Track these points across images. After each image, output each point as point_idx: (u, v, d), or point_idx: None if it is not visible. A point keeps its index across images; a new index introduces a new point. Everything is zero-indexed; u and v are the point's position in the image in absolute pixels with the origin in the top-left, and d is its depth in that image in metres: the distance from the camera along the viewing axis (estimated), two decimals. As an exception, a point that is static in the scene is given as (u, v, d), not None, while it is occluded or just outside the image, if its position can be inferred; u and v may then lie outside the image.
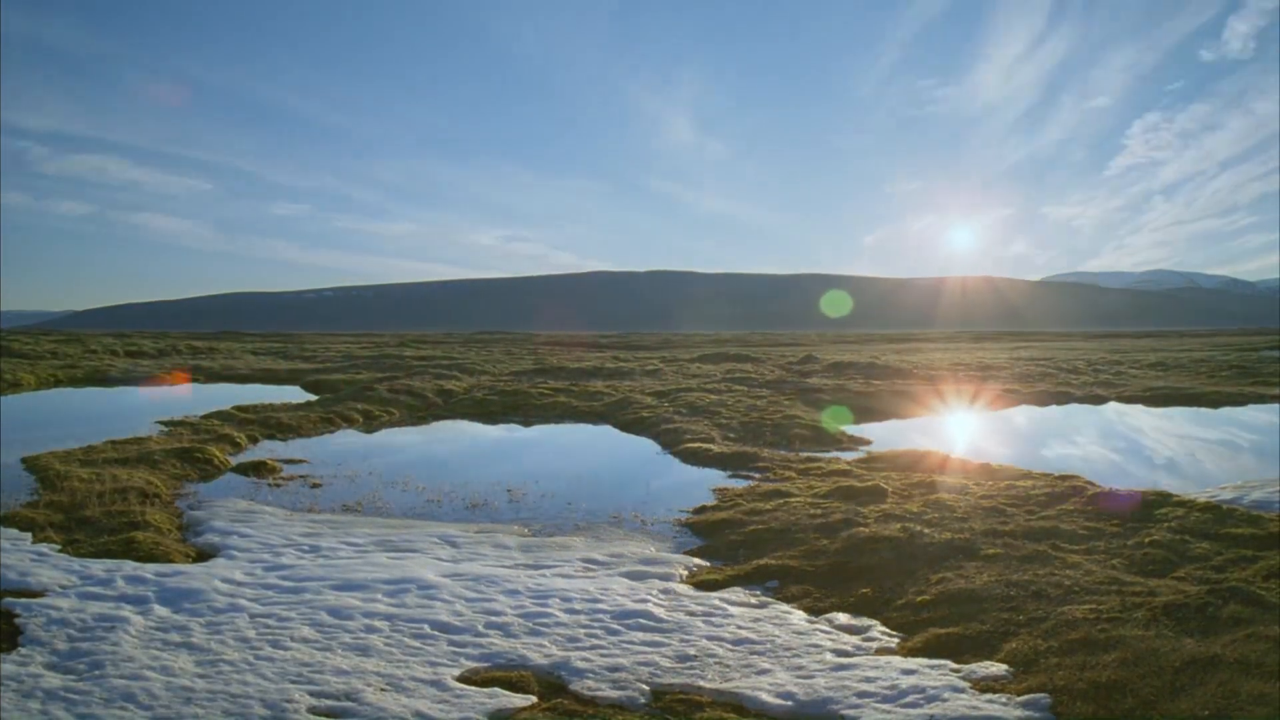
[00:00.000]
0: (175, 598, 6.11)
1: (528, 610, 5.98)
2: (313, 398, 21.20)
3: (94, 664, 4.92)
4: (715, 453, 13.01)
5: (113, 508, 8.72)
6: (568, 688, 4.82)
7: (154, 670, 4.83)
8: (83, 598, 6.06)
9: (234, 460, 12.36)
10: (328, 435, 15.51)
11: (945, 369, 29.97)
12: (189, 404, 19.52)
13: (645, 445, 14.68)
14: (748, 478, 11.28)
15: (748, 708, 4.59)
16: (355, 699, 4.53)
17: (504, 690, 4.71)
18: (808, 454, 12.96)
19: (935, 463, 11.41)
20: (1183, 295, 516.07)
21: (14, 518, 8.22)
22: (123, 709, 4.36)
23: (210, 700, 4.46)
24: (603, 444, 15.18)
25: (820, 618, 5.98)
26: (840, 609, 6.16)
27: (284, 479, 11.08)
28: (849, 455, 12.92)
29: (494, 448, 14.77)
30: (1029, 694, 4.55)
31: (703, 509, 9.30)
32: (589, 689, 4.78)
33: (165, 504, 9.38)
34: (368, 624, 5.69)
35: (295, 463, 12.26)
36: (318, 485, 10.70)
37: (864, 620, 5.91)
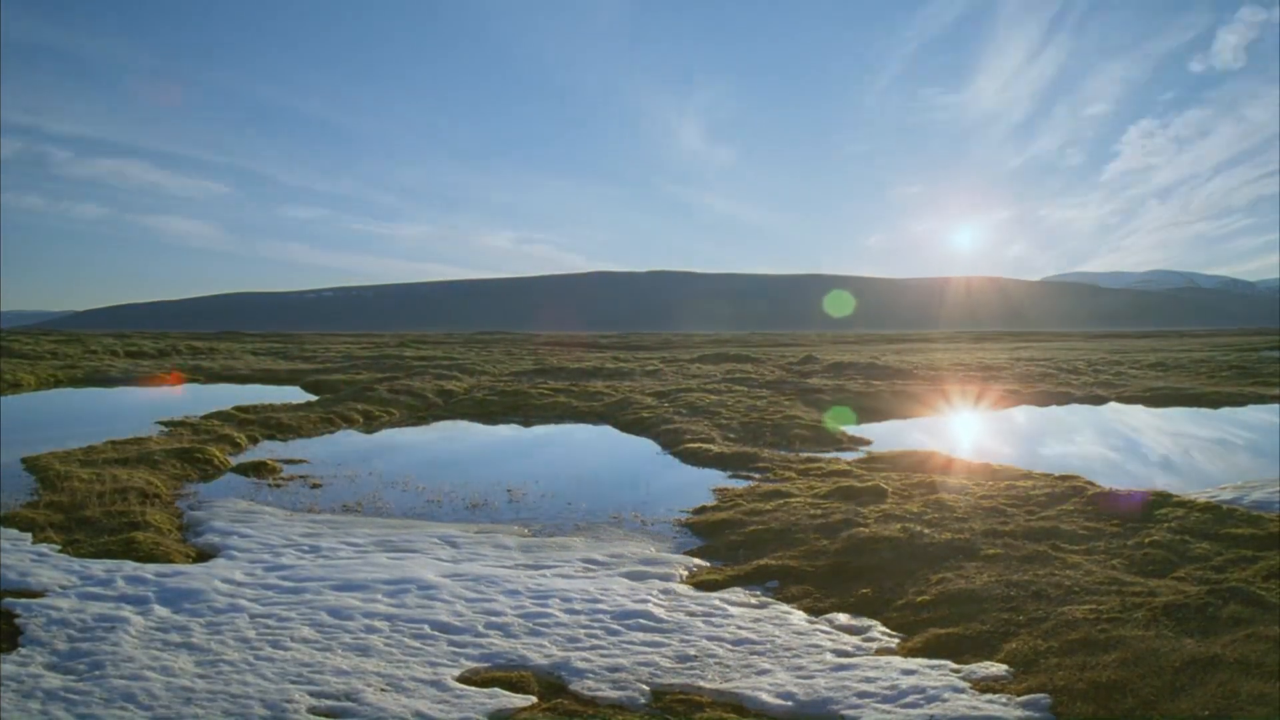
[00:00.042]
0: (175, 598, 6.11)
1: (528, 610, 5.99)
2: (313, 398, 21.22)
3: (94, 664, 4.92)
4: (715, 453, 13.00)
5: (113, 508, 8.72)
6: (568, 688, 4.82)
7: (154, 670, 4.83)
8: (83, 598, 6.06)
9: (234, 460, 12.36)
10: (328, 435, 15.51)
11: (945, 369, 29.97)
12: (189, 404, 19.53)
13: (645, 445, 14.67)
14: (748, 478, 11.27)
15: (748, 708, 4.58)
16: (355, 699, 4.53)
17: (504, 690, 4.71)
18: (808, 454, 12.96)
19: (935, 463, 11.40)
20: (1183, 295, 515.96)
21: (14, 518, 8.22)
22: (123, 709, 4.36)
23: (210, 700, 4.46)
24: (603, 444, 15.18)
25: (820, 618, 5.98)
26: (840, 609, 6.15)
27: (284, 479, 11.08)
28: (849, 455, 12.92)
29: (494, 448, 14.77)
30: (1029, 694, 4.55)
31: (703, 509, 9.30)
32: (589, 689, 4.78)
33: (165, 504, 9.38)
34: (368, 624, 5.69)
35: (295, 463, 12.26)
36: (318, 485, 10.70)
37: (864, 620, 5.91)
